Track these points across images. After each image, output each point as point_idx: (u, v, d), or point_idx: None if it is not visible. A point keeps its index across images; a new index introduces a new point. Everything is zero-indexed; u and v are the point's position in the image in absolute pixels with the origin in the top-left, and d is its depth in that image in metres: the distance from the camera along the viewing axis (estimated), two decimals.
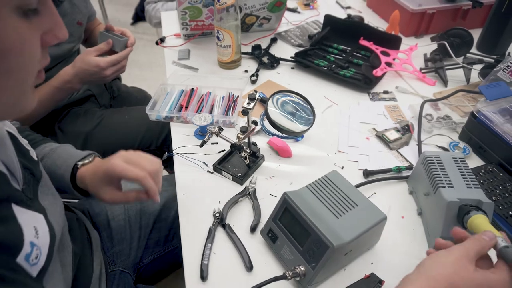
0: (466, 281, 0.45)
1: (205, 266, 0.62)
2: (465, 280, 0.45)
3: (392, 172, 0.78)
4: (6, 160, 0.47)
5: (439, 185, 0.63)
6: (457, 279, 0.45)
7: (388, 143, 0.85)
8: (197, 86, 1.01)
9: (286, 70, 1.12)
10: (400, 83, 1.05)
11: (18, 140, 0.55)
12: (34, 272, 0.45)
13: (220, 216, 0.69)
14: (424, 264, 0.48)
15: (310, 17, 1.39)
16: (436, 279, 0.45)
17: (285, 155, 0.83)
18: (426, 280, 0.46)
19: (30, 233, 0.45)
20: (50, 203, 0.55)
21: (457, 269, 0.45)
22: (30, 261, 0.44)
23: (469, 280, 0.45)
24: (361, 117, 0.94)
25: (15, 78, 0.40)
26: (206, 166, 0.81)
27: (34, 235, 0.46)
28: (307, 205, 0.60)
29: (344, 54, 1.15)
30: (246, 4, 1.16)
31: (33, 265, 0.45)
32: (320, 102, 0.99)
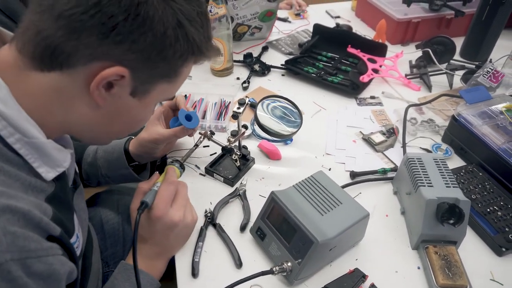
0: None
1: (196, 263, 0.64)
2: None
3: (378, 173, 0.81)
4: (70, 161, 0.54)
5: (420, 184, 0.66)
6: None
7: (374, 146, 0.88)
8: (190, 93, 1.03)
9: (277, 77, 1.15)
10: (386, 89, 1.08)
11: None
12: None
13: (211, 216, 0.71)
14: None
15: (300, 27, 1.43)
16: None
17: (275, 157, 0.86)
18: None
19: (77, 226, 0.55)
20: (80, 210, 0.62)
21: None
22: (74, 247, 0.51)
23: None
24: (349, 121, 0.96)
25: (130, 129, 0.57)
26: (198, 169, 0.83)
27: (78, 228, 0.55)
28: (293, 203, 0.63)
29: (333, 62, 1.18)
30: (238, 14, 1.20)
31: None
32: (309, 107, 1.02)
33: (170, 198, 0.61)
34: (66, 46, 0.42)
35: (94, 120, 0.50)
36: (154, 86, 0.51)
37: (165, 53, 0.47)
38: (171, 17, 0.46)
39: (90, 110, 0.49)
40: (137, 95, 0.50)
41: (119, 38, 0.43)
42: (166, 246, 0.63)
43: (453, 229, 0.61)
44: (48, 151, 0.47)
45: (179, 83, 0.55)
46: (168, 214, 0.60)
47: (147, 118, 0.57)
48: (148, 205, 0.59)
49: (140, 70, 0.47)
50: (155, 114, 0.82)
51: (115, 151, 0.82)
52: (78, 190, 0.65)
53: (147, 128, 0.80)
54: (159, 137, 0.77)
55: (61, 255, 0.45)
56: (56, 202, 0.49)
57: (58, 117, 0.48)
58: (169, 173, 0.64)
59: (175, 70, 0.51)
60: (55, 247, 0.44)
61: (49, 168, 0.48)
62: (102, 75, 0.44)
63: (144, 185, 0.64)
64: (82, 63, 0.44)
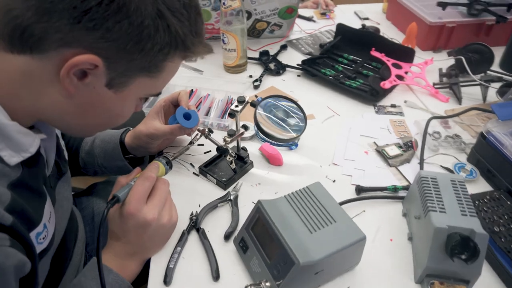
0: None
1: (170, 270, 0.58)
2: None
3: (387, 190, 0.72)
4: (47, 148, 0.54)
5: (430, 208, 0.57)
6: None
7: (388, 159, 0.79)
8: (198, 87, 0.99)
9: (292, 77, 1.09)
10: (410, 98, 0.98)
11: (58, 140, 0.62)
12: (38, 250, 0.49)
13: (195, 220, 0.66)
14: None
15: (324, 26, 1.35)
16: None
17: (276, 163, 0.79)
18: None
19: (46, 216, 0.51)
20: (62, 199, 0.60)
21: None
22: (38, 239, 0.49)
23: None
24: (363, 130, 0.88)
25: (108, 124, 0.54)
26: (193, 167, 0.78)
27: (48, 218, 0.52)
28: (280, 216, 0.56)
29: (354, 65, 1.09)
30: (256, 10, 1.14)
31: (39, 244, 0.49)
32: (322, 111, 0.94)
33: (144, 195, 0.56)
34: (36, 29, 0.40)
35: (67, 110, 0.47)
36: (133, 80, 0.47)
37: (143, 45, 0.44)
38: (151, 6, 0.42)
39: (63, 98, 0.45)
40: (114, 87, 0.47)
41: (91, 24, 0.40)
42: (139, 246, 0.58)
43: (466, 266, 0.52)
44: (11, 134, 0.44)
45: (164, 78, 0.51)
46: (141, 211, 0.55)
47: (125, 113, 0.53)
48: (119, 199, 0.54)
49: (115, 60, 0.44)
50: (155, 108, 0.78)
51: (111, 141, 0.79)
52: (63, 178, 0.62)
53: (145, 121, 0.77)
54: (155, 132, 0.73)
55: (8, 247, 0.41)
56: (21, 189, 0.46)
57: (28, 102, 0.45)
58: (149, 168, 0.59)
59: (156, 64, 0.47)
60: (1, 237, 0.40)
61: (12, 152, 0.45)
62: (72, 62, 0.41)
63: (122, 179, 0.59)
64: (53, 47, 0.41)
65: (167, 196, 0.60)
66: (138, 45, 0.43)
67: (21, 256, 0.43)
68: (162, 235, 0.61)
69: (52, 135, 0.56)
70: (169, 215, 0.59)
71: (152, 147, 0.77)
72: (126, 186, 0.56)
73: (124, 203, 0.55)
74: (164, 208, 0.58)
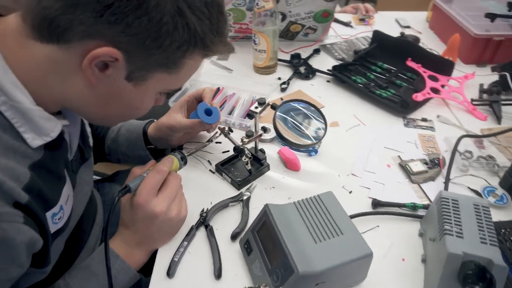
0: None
1: (174, 263, 0.59)
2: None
3: (406, 208, 0.69)
4: (71, 134, 0.57)
5: (446, 232, 0.53)
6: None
7: (410, 175, 0.75)
8: (224, 86, 1.00)
9: (321, 82, 1.07)
10: (444, 113, 0.93)
11: (84, 127, 0.66)
12: (53, 230, 0.52)
13: (205, 216, 0.66)
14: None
15: (361, 33, 1.31)
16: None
17: (293, 168, 0.78)
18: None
19: (64, 198, 0.54)
20: (83, 184, 0.64)
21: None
22: (54, 219, 0.52)
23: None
24: (388, 142, 0.84)
25: (128, 115, 0.57)
26: (210, 164, 0.79)
27: (65, 201, 0.54)
28: (286, 222, 0.55)
29: (388, 74, 1.06)
30: (291, 12, 1.13)
31: (54, 224, 0.52)
32: (347, 119, 0.92)
33: (155, 187, 0.57)
34: (62, 20, 0.42)
35: (88, 99, 0.50)
36: (152, 74, 0.49)
37: (161, 41, 0.45)
38: (171, 3, 0.43)
39: (85, 88, 0.48)
40: (133, 81, 0.48)
41: (113, 19, 0.42)
42: (147, 236, 0.60)
43: None
44: (34, 118, 0.46)
45: (184, 75, 0.53)
46: (150, 203, 0.56)
47: (144, 106, 0.54)
48: (130, 189, 0.56)
49: (135, 55, 0.45)
50: (179, 102, 0.80)
51: (135, 131, 0.81)
52: (86, 163, 0.65)
53: (168, 114, 0.79)
54: (176, 125, 0.75)
55: (21, 223, 0.44)
56: (41, 170, 0.49)
57: (53, 89, 0.48)
58: (162, 162, 0.61)
59: (174, 61, 0.48)
60: (15, 214, 0.43)
61: (35, 135, 0.47)
62: (94, 54, 0.43)
63: (137, 170, 0.61)
64: (77, 39, 0.43)
65: (177, 191, 0.61)
66: (157, 41, 0.44)
67: (33, 233, 0.46)
68: (170, 228, 0.62)
69: (76, 122, 0.59)
70: (177, 210, 0.60)
71: (173, 140, 0.79)
72: (139, 177, 0.58)
73: (135, 194, 0.57)
74: (173, 202, 0.60)
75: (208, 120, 0.74)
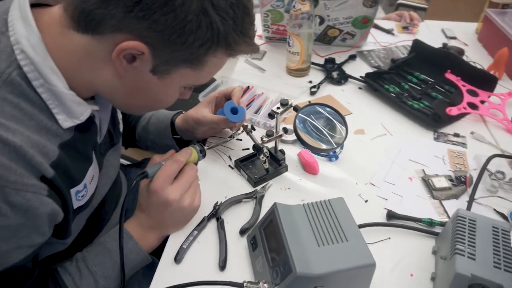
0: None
1: (182, 249, 0.62)
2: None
3: (422, 223, 0.67)
4: (102, 119, 0.61)
5: (458, 251, 0.51)
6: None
7: (432, 190, 0.73)
8: (254, 85, 1.02)
9: (352, 89, 1.05)
10: (480, 130, 0.89)
11: (116, 112, 0.70)
12: (75, 206, 0.57)
13: (217, 209, 0.69)
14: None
15: (402, 41, 1.27)
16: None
17: (310, 171, 0.78)
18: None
19: (88, 177, 0.58)
20: (109, 166, 0.68)
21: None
22: (77, 196, 0.56)
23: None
24: (413, 155, 0.82)
25: (152, 106, 0.62)
26: (230, 160, 0.81)
27: (90, 180, 0.59)
28: (292, 222, 0.56)
29: (424, 85, 1.02)
30: (329, 16, 1.13)
31: (77, 200, 0.57)
32: (374, 128, 0.90)
33: (171, 175, 0.61)
34: (96, 13, 0.45)
35: (116, 89, 0.53)
36: (176, 69, 0.51)
37: (185, 38, 0.47)
38: (196, 3, 0.45)
39: (114, 78, 0.51)
40: (158, 74, 0.51)
41: (141, 14, 0.44)
42: (159, 222, 0.63)
43: None
44: (66, 101, 0.50)
45: (207, 72, 0.55)
46: (165, 190, 0.60)
47: (168, 98, 0.58)
48: (148, 175, 0.60)
49: (160, 49, 0.48)
50: (208, 98, 0.83)
51: (164, 121, 0.86)
52: (114, 147, 0.70)
53: (196, 107, 0.82)
54: (201, 119, 0.78)
55: (45, 196, 0.48)
56: (70, 149, 0.53)
57: (85, 76, 0.52)
58: (180, 152, 0.64)
59: (197, 58, 0.51)
60: (40, 186, 0.47)
61: (66, 117, 0.51)
62: (122, 46, 0.46)
63: (157, 158, 0.65)
64: (108, 31, 0.46)
65: (192, 181, 0.64)
66: (181, 37, 0.47)
67: (55, 206, 0.50)
68: (182, 217, 0.65)
69: (107, 108, 0.63)
70: (191, 200, 0.63)
71: (197, 133, 0.82)
72: (157, 164, 0.62)
73: (152, 180, 0.60)
74: (187, 192, 0.62)
75: (232, 119, 0.76)
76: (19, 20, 0.47)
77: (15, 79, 0.46)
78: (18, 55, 0.46)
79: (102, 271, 0.59)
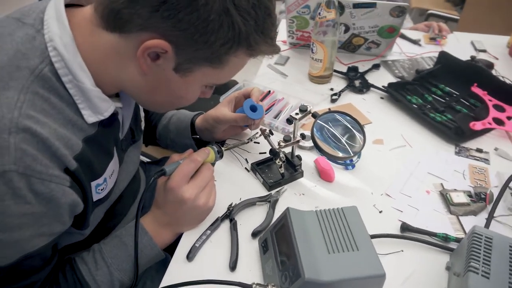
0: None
1: (194, 248, 0.64)
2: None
3: (436, 237, 0.66)
4: (125, 116, 0.64)
5: (472, 269, 0.51)
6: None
7: (450, 205, 0.72)
8: (275, 90, 1.03)
9: (374, 98, 1.05)
10: (504, 146, 0.86)
11: (138, 109, 0.73)
12: (95, 198, 0.59)
13: (231, 210, 0.70)
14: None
15: (429, 52, 1.25)
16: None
17: (326, 178, 0.78)
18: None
19: (109, 171, 0.61)
20: (129, 162, 0.71)
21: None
22: (97, 189, 0.58)
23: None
24: (433, 168, 0.81)
25: (174, 104, 0.62)
26: (246, 163, 0.83)
27: (110, 174, 0.61)
28: (303, 228, 0.57)
29: (448, 98, 1.00)
30: (355, 24, 1.13)
31: (97, 193, 0.59)
32: (393, 139, 0.89)
33: (188, 174, 0.62)
34: (124, 13, 0.48)
35: (140, 85, 0.55)
36: (197, 67, 0.53)
37: (208, 37, 0.49)
38: (218, 3, 0.47)
39: (138, 75, 0.54)
40: (180, 72, 0.53)
41: (166, 14, 0.46)
42: (174, 219, 0.65)
43: None
44: (92, 98, 0.53)
45: (228, 71, 0.56)
46: (181, 188, 0.61)
47: (189, 96, 0.59)
48: (166, 173, 0.62)
49: (183, 48, 0.50)
50: (228, 98, 0.85)
51: (184, 121, 0.89)
52: (135, 144, 0.73)
53: (216, 107, 0.85)
54: (221, 117, 0.80)
55: (67, 187, 0.51)
56: (93, 144, 0.55)
57: (111, 73, 0.54)
58: (198, 152, 0.66)
59: (219, 57, 0.52)
60: (63, 177, 0.50)
61: (91, 113, 0.54)
62: (146, 45, 0.48)
63: (175, 156, 0.67)
64: (135, 30, 0.49)
65: (208, 181, 0.65)
66: (203, 37, 0.48)
67: (76, 197, 0.53)
68: (196, 215, 0.67)
69: (130, 105, 0.66)
70: (205, 199, 0.65)
71: (217, 132, 0.84)
72: (175, 163, 0.64)
73: (169, 178, 0.62)
74: (203, 191, 0.64)
75: (251, 116, 0.77)
76: (54, 19, 0.50)
77: (46, 75, 0.49)
78: (50, 52, 0.49)
79: (117, 264, 0.61)
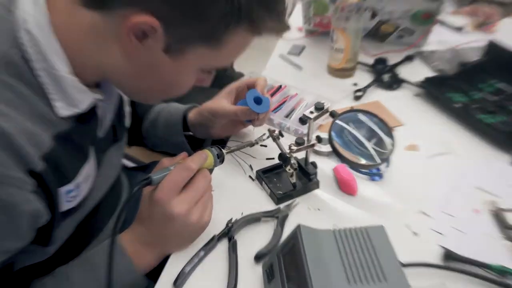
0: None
1: (183, 273, 0.60)
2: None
3: (490, 270, 0.60)
4: (106, 110, 0.61)
5: None
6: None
7: (505, 229, 0.66)
8: (288, 84, 0.99)
9: (407, 96, 1.01)
10: None
11: (122, 104, 0.71)
12: (64, 208, 0.56)
13: (230, 227, 0.66)
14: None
15: (475, 41, 1.20)
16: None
17: (347, 190, 0.74)
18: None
19: (83, 176, 0.58)
20: (109, 166, 0.68)
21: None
22: (67, 197, 0.55)
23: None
24: (482, 182, 0.76)
25: (164, 92, 0.60)
26: (251, 170, 0.79)
27: (83, 180, 0.58)
28: (318, 251, 0.52)
29: (500, 95, 0.96)
30: (384, 9, 1.09)
31: (67, 202, 0.55)
32: (431, 144, 0.85)
33: (179, 184, 0.59)
34: None
35: (125, 70, 0.53)
36: (191, 48, 0.51)
37: (202, 12, 0.47)
38: None
39: (122, 58, 0.52)
40: (171, 53, 0.51)
41: None
42: (160, 238, 0.61)
43: None
44: (67, 87, 0.51)
45: (229, 53, 0.55)
46: (169, 202, 0.58)
47: (181, 82, 0.57)
48: (152, 181, 0.58)
49: (174, 26, 0.48)
50: (228, 88, 0.82)
51: (176, 114, 0.86)
52: (117, 144, 0.70)
53: (214, 98, 0.82)
54: (218, 110, 0.78)
55: (30, 192, 0.48)
56: (66, 142, 0.53)
57: (91, 57, 0.52)
58: (193, 156, 0.62)
59: (216, 35, 0.50)
60: (26, 181, 0.47)
61: (64, 105, 0.52)
62: (131, 22, 0.47)
63: (166, 161, 0.64)
64: (119, 6, 0.47)
65: (204, 193, 0.61)
66: (197, 11, 0.47)
67: (40, 205, 0.50)
68: (187, 234, 0.63)
69: (113, 97, 0.63)
70: (199, 214, 0.61)
71: (214, 128, 0.81)
72: (164, 169, 0.60)
73: (156, 187, 0.58)
74: (196, 205, 0.60)
75: (256, 109, 0.73)
76: None
77: (16, 61, 0.47)
78: (22, 35, 0.47)
79: None
